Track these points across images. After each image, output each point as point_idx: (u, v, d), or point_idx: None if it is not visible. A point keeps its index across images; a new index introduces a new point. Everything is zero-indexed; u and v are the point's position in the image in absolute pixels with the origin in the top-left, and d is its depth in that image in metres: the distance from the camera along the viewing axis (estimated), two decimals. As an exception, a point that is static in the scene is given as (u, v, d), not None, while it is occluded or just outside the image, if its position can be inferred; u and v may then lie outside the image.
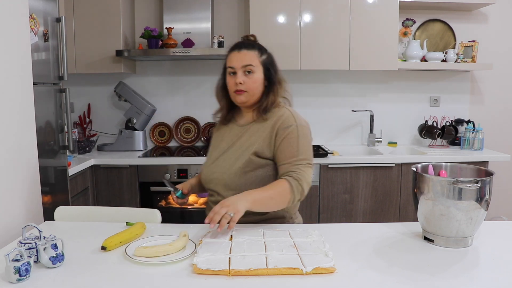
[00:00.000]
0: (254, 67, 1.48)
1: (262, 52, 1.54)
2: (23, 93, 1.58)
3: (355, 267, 1.08)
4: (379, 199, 2.79)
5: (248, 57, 1.49)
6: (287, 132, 1.44)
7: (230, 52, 1.53)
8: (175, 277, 1.03)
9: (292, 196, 1.34)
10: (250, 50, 1.51)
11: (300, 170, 1.38)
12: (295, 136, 1.43)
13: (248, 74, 1.48)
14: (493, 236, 1.30)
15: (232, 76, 1.50)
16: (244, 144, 1.49)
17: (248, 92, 1.48)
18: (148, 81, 3.28)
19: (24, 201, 1.53)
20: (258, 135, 1.48)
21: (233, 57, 1.50)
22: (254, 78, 1.49)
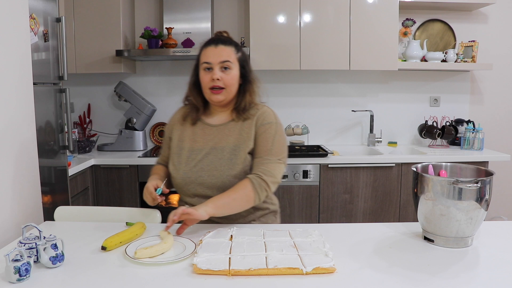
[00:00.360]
0: (231, 63, 1.44)
1: (238, 49, 1.50)
2: (23, 93, 1.58)
3: (355, 267, 1.08)
4: (379, 199, 2.79)
5: (225, 52, 1.44)
6: (266, 128, 1.46)
7: (205, 47, 1.47)
8: (175, 277, 1.03)
9: (256, 195, 1.38)
10: (227, 46, 1.46)
11: (269, 167, 1.41)
12: (273, 133, 1.47)
13: (225, 70, 1.44)
14: (493, 236, 1.30)
15: (207, 72, 1.44)
16: (231, 144, 1.45)
17: (226, 89, 1.44)
18: (148, 81, 3.28)
19: (24, 201, 1.53)
20: (245, 134, 1.46)
21: (210, 52, 1.45)
22: (232, 75, 1.45)
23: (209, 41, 1.49)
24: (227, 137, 1.47)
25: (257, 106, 1.52)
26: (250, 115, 1.48)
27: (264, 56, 2.91)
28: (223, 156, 1.45)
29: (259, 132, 1.46)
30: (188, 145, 1.50)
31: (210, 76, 1.43)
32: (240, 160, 1.43)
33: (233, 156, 1.44)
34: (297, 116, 3.28)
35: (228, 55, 1.44)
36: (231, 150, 1.45)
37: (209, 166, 1.45)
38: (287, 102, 3.29)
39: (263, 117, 1.48)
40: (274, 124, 1.48)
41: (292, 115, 3.27)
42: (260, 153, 1.44)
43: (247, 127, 1.47)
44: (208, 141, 1.49)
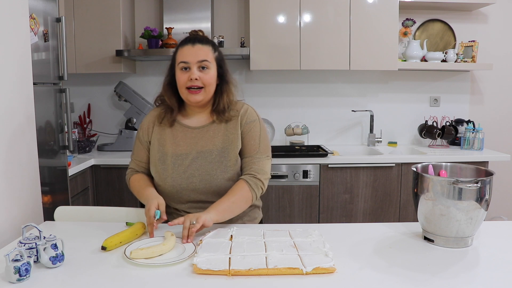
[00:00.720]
0: (209, 62, 1.41)
1: (215, 48, 1.46)
2: (23, 93, 1.58)
3: (355, 267, 1.08)
4: (379, 199, 2.79)
5: (203, 52, 1.41)
6: (251, 127, 1.47)
7: (182, 46, 1.43)
8: (175, 277, 1.03)
9: (254, 194, 1.41)
10: (205, 45, 1.42)
11: (260, 165, 1.44)
12: (258, 131, 1.48)
13: (203, 70, 1.40)
14: (493, 236, 1.30)
15: (184, 71, 1.40)
16: (219, 146, 1.43)
17: (204, 88, 1.41)
18: (148, 81, 3.28)
19: (24, 201, 1.53)
20: (231, 136, 1.45)
21: (186, 52, 1.40)
22: (210, 74, 1.41)
23: (185, 40, 1.45)
24: (212, 139, 1.45)
25: (237, 105, 1.51)
26: (232, 116, 1.47)
27: (264, 56, 2.91)
28: (213, 159, 1.42)
29: (245, 131, 1.46)
30: (171, 150, 1.45)
31: (188, 76, 1.39)
32: (232, 162, 1.43)
33: (223, 159, 1.42)
34: (297, 116, 3.28)
35: (206, 54, 1.41)
36: (219, 153, 1.43)
37: (199, 171, 1.42)
38: (287, 102, 3.29)
39: (246, 115, 1.48)
40: (258, 122, 1.49)
41: (292, 115, 3.27)
42: (250, 152, 1.46)
43: (233, 128, 1.46)
44: (191, 144, 1.45)
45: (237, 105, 1.51)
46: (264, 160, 1.46)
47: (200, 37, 1.45)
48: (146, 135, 1.52)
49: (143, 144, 1.52)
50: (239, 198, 1.38)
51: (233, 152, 1.44)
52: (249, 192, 1.39)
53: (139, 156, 1.54)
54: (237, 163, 1.45)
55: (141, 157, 1.54)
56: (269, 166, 1.48)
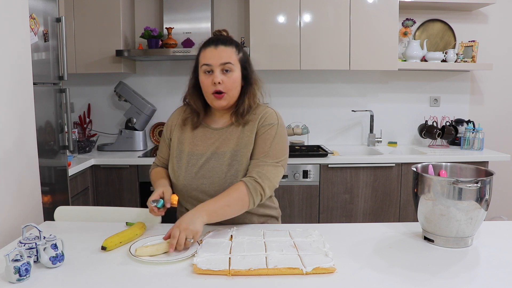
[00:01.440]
0: (233, 65, 1.37)
1: (239, 49, 1.42)
2: (23, 93, 1.58)
3: (355, 267, 1.08)
4: (379, 199, 2.79)
5: (226, 53, 1.37)
6: (266, 129, 1.41)
7: (205, 47, 1.39)
8: (175, 277, 1.03)
9: (251, 199, 1.31)
10: (228, 46, 1.38)
11: (264, 170, 1.34)
12: (272, 135, 1.40)
13: (226, 73, 1.36)
14: (493, 236, 1.30)
15: (208, 75, 1.37)
16: (231, 149, 1.39)
17: (227, 93, 1.37)
18: (148, 81, 3.28)
19: (24, 201, 1.53)
20: (246, 138, 1.40)
21: (209, 54, 1.37)
22: (233, 78, 1.38)
23: (208, 41, 1.41)
24: (227, 141, 1.41)
25: (259, 108, 1.46)
26: (250, 119, 1.42)
27: (264, 56, 2.91)
28: (224, 162, 1.38)
29: (259, 133, 1.41)
30: (188, 149, 1.44)
31: (211, 80, 1.36)
32: (243, 166, 1.37)
33: (235, 162, 1.38)
34: (297, 116, 3.28)
35: (229, 56, 1.37)
36: (232, 155, 1.39)
37: (210, 173, 1.39)
38: (287, 102, 3.29)
39: (265, 118, 1.42)
40: (275, 126, 1.42)
41: (292, 115, 3.27)
42: (257, 154, 1.38)
43: (249, 130, 1.41)
44: (209, 145, 1.42)
45: (259, 108, 1.46)
46: (270, 166, 1.36)
47: (223, 38, 1.41)
48: (169, 132, 1.52)
49: (165, 141, 1.54)
50: (235, 201, 1.29)
51: (245, 156, 1.38)
52: (246, 196, 1.30)
53: (162, 152, 1.55)
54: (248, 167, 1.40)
55: (163, 153, 1.55)
56: (277, 174, 1.37)
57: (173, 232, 1.16)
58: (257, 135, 1.41)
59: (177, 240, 1.14)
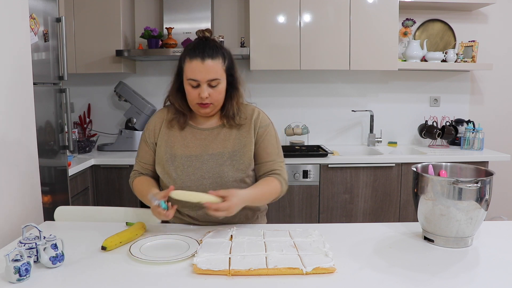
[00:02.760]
0: (220, 79, 1.35)
1: (224, 57, 1.38)
2: (23, 93, 1.58)
3: (355, 267, 1.08)
4: (379, 199, 2.79)
5: (213, 69, 1.33)
6: (266, 131, 1.46)
7: (190, 59, 1.34)
8: (175, 277, 1.03)
9: (280, 194, 1.44)
10: (215, 59, 1.34)
11: (283, 169, 1.46)
12: (273, 135, 1.48)
13: (213, 87, 1.35)
14: (493, 236, 1.30)
15: (194, 88, 1.35)
16: (230, 149, 1.41)
17: (213, 103, 1.38)
18: (148, 81, 3.28)
19: (24, 201, 1.53)
20: (244, 139, 1.42)
21: (196, 68, 1.33)
22: (220, 90, 1.37)
23: (193, 51, 1.34)
24: (223, 142, 1.42)
25: (247, 108, 1.48)
26: (243, 120, 1.44)
27: (264, 56, 2.91)
28: (224, 162, 1.40)
29: (261, 134, 1.44)
30: (181, 152, 1.42)
31: (197, 93, 1.35)
32: (245, 165, 1.41)
33: (235, 162, 1.40)
34: (297, 116, 3.28)
35: (216, 71, 1.34)
36: (231, 156, 1.40)
37: (210, 173, 1.39)
38: (287, 102, 3.29)
39: (259, 120, 1.46)
40: (271, 126, 1.49)
41: (292, 115, 3.27)
42: (271, 156, 1.45)
43: (245, 132, 1.44)
44: (202, 146, 1.42)
45: (248, 109, 1.48)
46: (283, 165, 1.48)
47: (209, 49, 1.34)
48: (153, 136, 1.48)
49: (149, 146, 1.48)
50: (270, 195, 1.41)
51: (247, 155, 1.42)
52: (279, 193, 1.42)
53: (144, 158, 1.50)
54: (250, 166, 1.43)
55: (147, 159, 1.49)
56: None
57: (222, 208, 1.21)
58: (259, 137, 1.45)
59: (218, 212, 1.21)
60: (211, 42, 1.37)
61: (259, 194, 1.38)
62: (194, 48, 1.35)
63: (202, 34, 1.41)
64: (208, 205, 1.21)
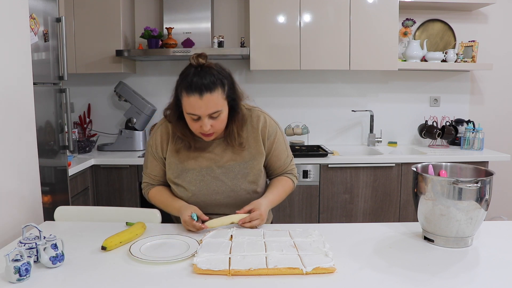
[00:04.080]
0: (221, 110, 1.30)
1: (223, 85, 1.30)
2: (23, 93, 1.58)
3: (355, 267, 1.08)
4: (379, 199, 2.79)
5: (213, 103, 1.27)
6: (276, 138, 1.48)
7: (188, 94, 1.26)
8: (175, 277, 1.03)
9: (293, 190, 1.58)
10: (214, 92, 1.26)
11: (293, 167, 1.58)
12: (282, 139, 1.52)
13: (214, 118, 1.31)
14: (493, 236, 1.30)
15: (195, 121, 1.31)
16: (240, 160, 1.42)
17: (216, 132, 1.36)
18: (148, 81, 3.28)
19: (24, 201, 1.53)
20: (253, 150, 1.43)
21: (195, 104, 1.26)
22: (222, 119, 1.33)
23: (190, 86, 1.26)
24: (233, 154, 1.42)
25: (251, 115, 1.45)
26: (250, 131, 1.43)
27: (264, 56, 2.91)
28: (235, 176, 1.42)
29: (271, 144, 1.48)
30: (191, 166, 1.42)
31: (199, 125, 1.31)
32: (255, 176, 1.44)
33: (246, 174, 1.43)
34: (297, 116, 3.28)
35: (216, 103, 1.28)
36: (242, 168, 1.42)
37: (223, 188, 1.42)
38: (287, 102, 3.29)
39: (267, 129, 1.45)
40: (278, 129, 1.51)
41: (292, 115, 3.27)
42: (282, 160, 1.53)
43: (253, 141, 1.44)
44: (212, 159, 1.42)
45: (252, 116, 1.45)
46: (293, 161, 1.58)
47: (206, 81, 1.26)
48: (160, 151, 1.46)
49: (157, 160, 1.47)
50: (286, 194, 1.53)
51: (256, 167, 1.44)
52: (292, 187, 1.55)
53: (155, 171, 1.49)
54: (260, 176, 1.45)
55: (157, 172, 1.49)
56: None
57: (261, 215, 1.34)
58: (269, 146, 1.48)
59: (251, 226, 1.32)
60: (208, 71, 1.28)
61: (277, 196, 1.47)
62: (190, 82, 1.26)
63: (196, 61, 1.30)
64: (242, 222, 1.33)
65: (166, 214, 1.51)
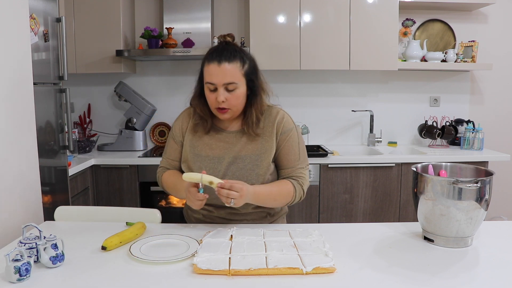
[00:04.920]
0: (236, 83, 1.34)
1: (244, 61, 1.37)
2: (23, 93, 1.58)
3: (355, 267, 1.08)
4: (379, 199, 2.79)
5: (230, 72, 1.33)
6: (289, 136, 1.44)
7: (208, 62, 1.35)
8: (175, 277, 1.03)
9: (293, 199, 1.43)
10: (232, 62, 1.33)
11: (303, 174, 1.45)
12: (296, 140, 1.46)
13: (230, 91, 1.34)
14: (493, 236, 1.30)
15: (212, 92, 1.36)
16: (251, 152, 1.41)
17: (231, 109, 1.37)
18: (148, 81, 3.28)
19: (24, 201, 1.53)
20: (266, 143, 1.42)
21: (213, 71, 1.33)
22: (237, 94, 1.35)
23: (212, 54, 1.35)
24: (246, 145, 1.42)
25: (271, 111, 1.46)
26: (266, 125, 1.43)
27: (264, 56, 2.91)
28: (245, 166, 1.40)
29: (283, 140, 1.43)
30: (205, 153, 1.43)
31: (215, 97, 1.35)
32: (263, 170, 1.40)
33: (256, 167, 1.40)
34: (297, 116, 3.25)
35: (233, 75, 1.33)
36: (253, 160, 1.40)
37: (234, 177, 1.39)
38: (287, 102, 3.28)
39: (283, 124, 1.44)
40: (294, 130, 1.46)
41: (292, 115, 3.22)
42: (291, 163, 1.44)
43: (268, 136, 1.43)
44: (225, 148, 1.43)
45: (272, 112, 1.46)
46: (305, 170, 1.46)
47: (227, 52, 1.34)
48: (180, 135, 1.49)
49: (177, 144, 1.50)
50: (281, 197, 1.40)
51: (266, 160, 1.41)
52: (291, 197, 1.41)
53: (172, 155, 1.51)
54: (267, 171, 1.42)
55: (175, 156, 1.51)
56: (308, 176, 1.49)
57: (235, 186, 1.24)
58: (280, 143, 1.44)
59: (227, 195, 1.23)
60: (231, 46, 1.38)
61: (266, 192, 1.37)
62: (212, 52, 1.36)
63: (223, 38, 1.41)
64: (220, 185, 1.23)
65: (167, 214, 1.51)
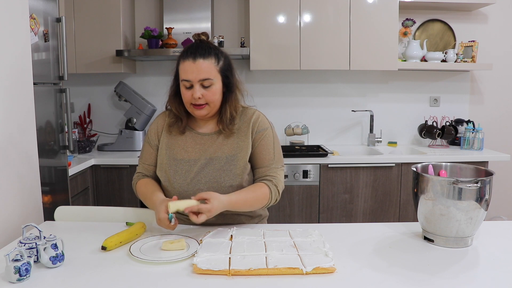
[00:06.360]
0: (212, 79, 1.35)
1: (218, 58, 1.38)
2: (23, 93, 1.58)
3: (355, 267, 1.08)
4: (379, 199, 2.79)
5: (205, 68, 1.33)
6: (263, 135, 1.44)
7: (183, 59, 1.36)
8: (175, 277, 1.03)
9: (269, 202, 1.40)
10: (206, 59, 1.34)
11: (277, 175, 1.43)
12: (271, 140, 1.45)
13: (206, 88, 1.35)
14: (493, 236, 1.30)
15: (188, 89, 1.36)
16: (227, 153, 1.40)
17: (208, 104, 1.37)
18: (148, 81, 3.28)
19: (24, 201, 1.53)
20: (242, 143, 1.41)
21: (188, 68, 1.34)
22: (213, 90, 1.36)
23: (186, 52, 1.37)
24: (222, 146, 1.42)
25: (247, 112, 1.47)
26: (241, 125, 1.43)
27: (264, 56, 2.91)
28: (221, 167, 1.39)
29: (258, 139, 1.43)
30: (180, 155, 1.43)
31: (191, 94, 1.35)
32: (239, 170, 1.39)
33: (232, 167, 1.39)
34: (297, 116, 3.28)
35: (208, 71, 1.34)
36: (228, 160, 1.40)
37: (207, 178, 1.39)
38: (287, 102, 3.29)
39: (258, 123, 1.44)
40: (270, 130, 1.46)
41: (292, 115, 3.27)
42: (265, 161, 1.43)
43: (243, 135, 1.42)
44: (201, 151, 1.42)
45: (248, 112, 1.47)
46: (280, 171, 1.44)
47: (202, 49, 1.36)
48: (156, 138, 1.49)
49: (152, 148, 1.49)
50: (256, 201, 1.37)
51: (242, 160, 1.40)
52: (267, 200, 1.38)
53: (148, 160, 1.50)
54: (245, 171, 1.41)
55: (150, 161, 1.50)
56: (283, 177, 1.46)
57: (204, 209, 1.21)
58: (255, 141, 1.43)
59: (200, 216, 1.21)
60: (205, 44, 1.39)
61: (242, 200, 1.34)
62: (187, 50, 1.38)
63: (197, 37, 1.43)
64: (188, 210, 1.21)
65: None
